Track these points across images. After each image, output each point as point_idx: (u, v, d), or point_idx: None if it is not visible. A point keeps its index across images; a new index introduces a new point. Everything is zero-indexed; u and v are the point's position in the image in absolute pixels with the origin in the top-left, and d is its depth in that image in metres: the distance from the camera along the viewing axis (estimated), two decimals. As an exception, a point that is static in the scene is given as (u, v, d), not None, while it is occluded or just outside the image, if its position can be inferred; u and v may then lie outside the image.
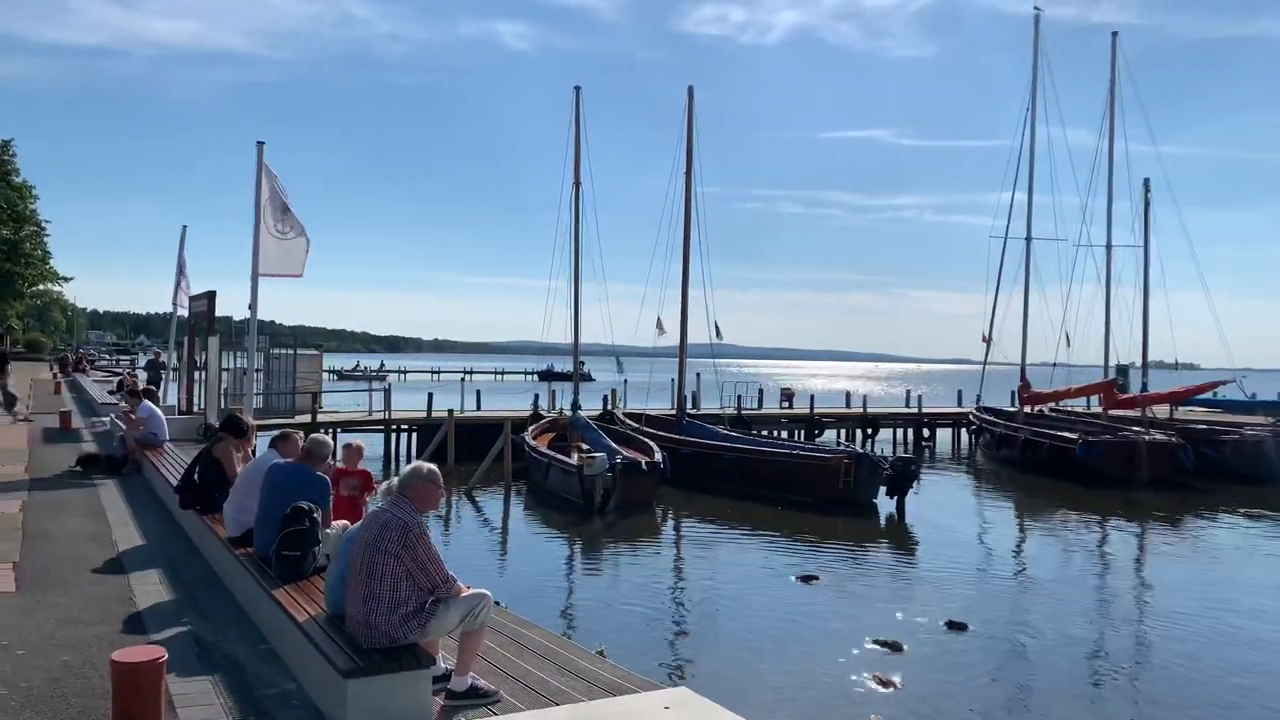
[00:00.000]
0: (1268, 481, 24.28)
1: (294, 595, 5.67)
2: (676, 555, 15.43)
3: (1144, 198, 31.36)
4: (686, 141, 26.13)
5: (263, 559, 6.36)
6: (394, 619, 4.54)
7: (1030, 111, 30.30)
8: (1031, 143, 30.33)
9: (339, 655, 4.54)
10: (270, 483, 6.57)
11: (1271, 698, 8.75)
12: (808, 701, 8.26)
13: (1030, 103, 30.33)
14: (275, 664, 5.37)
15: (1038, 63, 30.31)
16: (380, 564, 4.55)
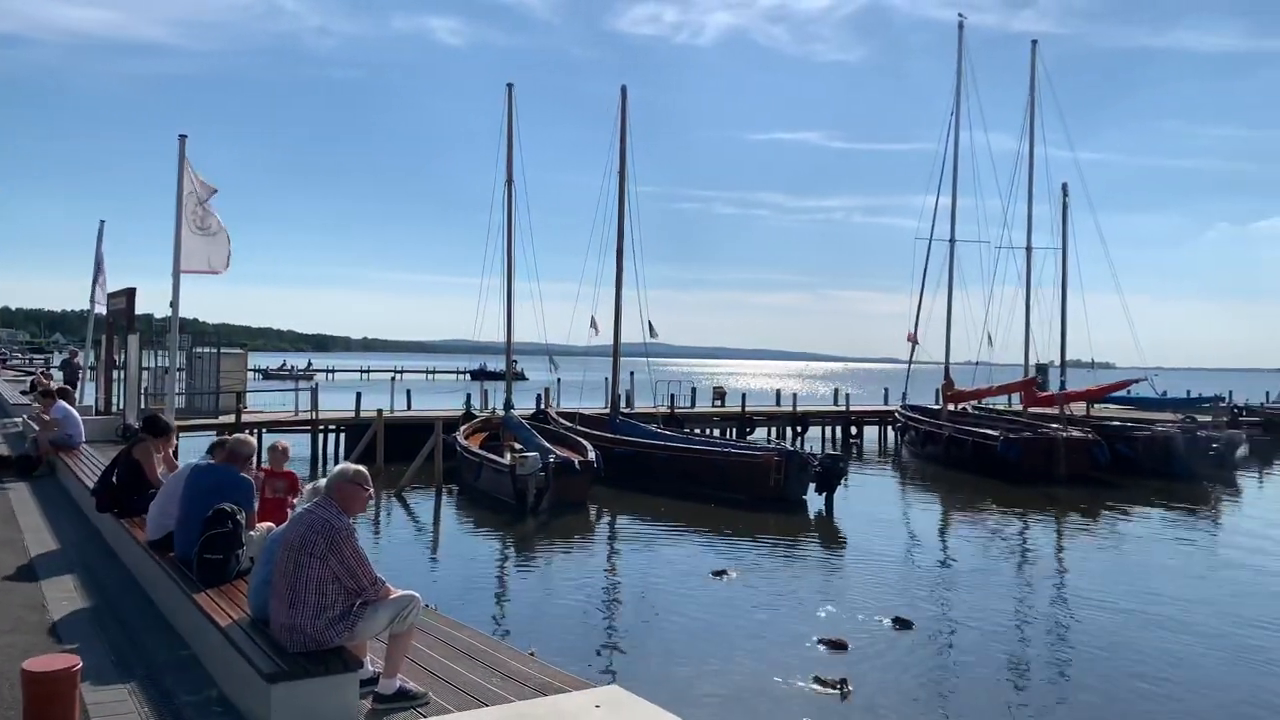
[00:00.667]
0: (1177, 476, 25.32)
1: (216, 599, 5.55)
2: (610, 554, 15.47)
3: (1062, 201, 32.41)
4: (620, 140, 26.21)
5: (184, 562, 6.21)
6: (320, 622, 4.48)
7: (954, 116, 31.14)
8: (955, 147, 31.17)
9: (263, 659, 4.47)
10: (192, 484, 6.42)
11: (1191, 680, 9.11)
12: (749, 699, 8.34)
13: (954, 108, 31.17)
14: (196, 670, 5.26)
15: (961, 69, 31.17)
16: (306, 567, 4.49)
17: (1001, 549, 16.66)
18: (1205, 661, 9.83)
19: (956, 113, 31.13)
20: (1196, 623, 11.34)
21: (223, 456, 6.70)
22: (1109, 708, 8.43)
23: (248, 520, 6.27)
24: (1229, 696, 8.78)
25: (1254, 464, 31.44)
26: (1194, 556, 16.07)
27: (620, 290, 26.23)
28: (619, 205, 26.15)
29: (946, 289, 31.75)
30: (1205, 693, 8.87)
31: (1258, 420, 40.16)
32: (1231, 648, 10.36)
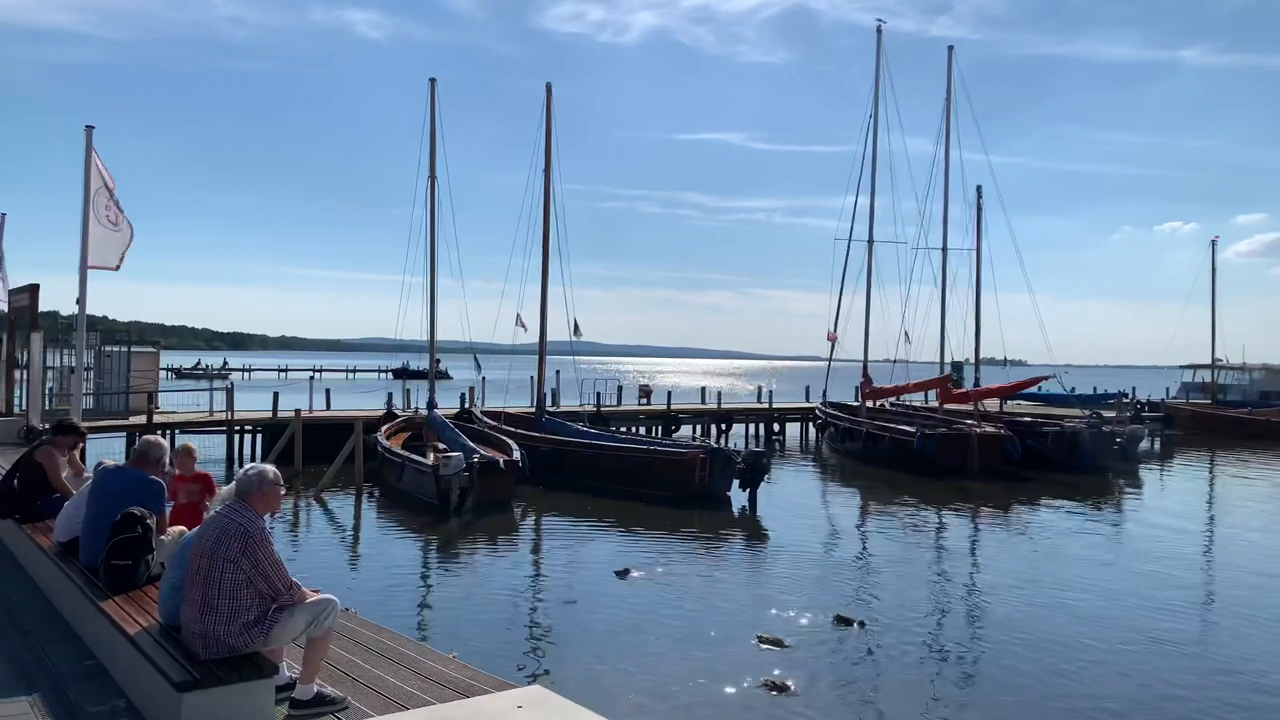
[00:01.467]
0: (1083, 469, 26.35)
1: (124, 606, 5.39)
2: (535, 554, 15.42)
3: (977, 204, 33.40)
4: (545, 138, 26.10)
5: (90, 569, 6.01)
6: (233, 628, 4.40)
7: (873, 120, 31.80)
8: (874, 149, 31.84)
9: (173, 668, 4.36)
10: (99, 487, 6.22)
11: (1103, 664, 9.50)
12: (679, 696, 8.38)
13: (873, 111, 31.83)
14: (103, 680, 5.10)
15: (880, 73, 31.82)
16: (219, 571, 4.39)
17: (921, 542, 17.11)
18: (1115, 646, 10.21)
19: (875, 116, 31.81)
20: (1106, 609, 11.83)
21: (132, 459, 6.51)
22: (1034, 692, 8.71)
23: (158, 524, 6.10)
24: (1140, 678, 9.16)
25: (1155, 456, 32.91)
26: (1101, 545, 16.74)
27: (546, 288, 26.16)
28: (545, 203, 26.06)
29: (865, 289, 32.44)
30: (1118, 677, 9.22)
31: (1159, 415, 42.04)
32: (1137, 631, 10.83)
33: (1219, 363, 54.19)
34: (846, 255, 32.50)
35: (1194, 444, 37.74)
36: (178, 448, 7.75)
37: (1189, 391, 55.48)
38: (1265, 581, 13.74)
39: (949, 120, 32.35)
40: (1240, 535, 18.48)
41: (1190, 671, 9.43)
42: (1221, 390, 54.06)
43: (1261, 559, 15.63)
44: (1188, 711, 8.28)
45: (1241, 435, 40.62)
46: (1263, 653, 10.09)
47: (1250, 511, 21.67)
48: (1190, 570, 14.91)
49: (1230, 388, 54.76)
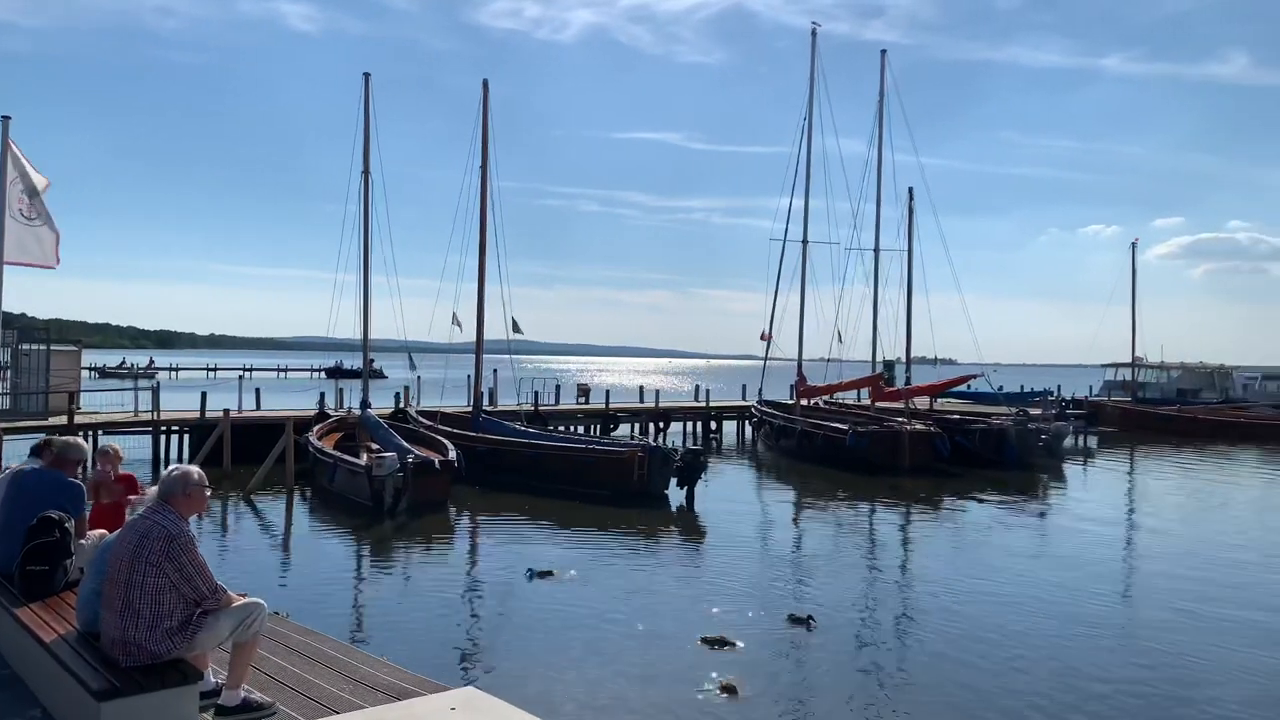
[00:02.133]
0: (1010, 465, 27.08)
1: (40, 614, 5.22)
2: (471, 555, 15.29)
3: (908, 205, 34.11)
4: (482, 135, 25.88)
5: (4, 575, 5.80)
6: (156, 634, 4.29)
7: (807, 121, 32.20)
8: (809, 151, 32.25)
9: (92, 676, 4.24)
10: (14, 490, 6.00)
11: (1034, 652, 9.75)
12: (620, 696, 8.37)
13: (808, 113, 32.22)
14: (18, 690, 4.93)
15: (815, 75, 32.23)
16: (140, 576, 4.28)
17: (856, 538, 17.40)
18: (1045, 635, 10.51)
19: (809, 118, 32.21)
20: (1034, 598, 12.16)
21: (50, 460, 6.30)
22: (974, 680, 8.89)
23: (77, 528, 5.92)
24: (1066, 664, 9.43)
25: (1079, 452, 33.97)
26: (1027, 537, 17.22)
27: (483, 286, 25.95)
28: (481, 200, 25.84)
29: (800, 289, 32.87)
30: (1048, 662, 9.50)
31: (1082, 412, 43.40)
32: (1064, 619, 11.20)
33: (1139, 361, 56.12)
34: (781, 255, 32.92)
35: (1125, 441, 39.10)
36: (102, 449, 7.53)
37: (1111, 389, 57.39)
38: (1180, 571, 14.26)
39: (882, 123, 32.97)
40: (1157, 528, 19.17)
41: (1112, 656, 9.76)
42: (1141, 388, 55.99)
43: (1177, 550, 16.22)
44: (1110, 693, 8.55)
45: (1170, 432, 42.20)
46: (1178, 638, 10.47)
47: (1167, 505, 22.50)
48: (1111, 561, 15.41)
49: (1149, 386, 56.77)
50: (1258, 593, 12.93)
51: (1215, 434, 40.91)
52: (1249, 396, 54.82)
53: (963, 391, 37.58)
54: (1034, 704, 8.31)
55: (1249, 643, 10.38)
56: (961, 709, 8.19)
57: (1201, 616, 11.49)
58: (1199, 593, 12.76)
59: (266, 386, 38.87)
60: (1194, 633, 10.75)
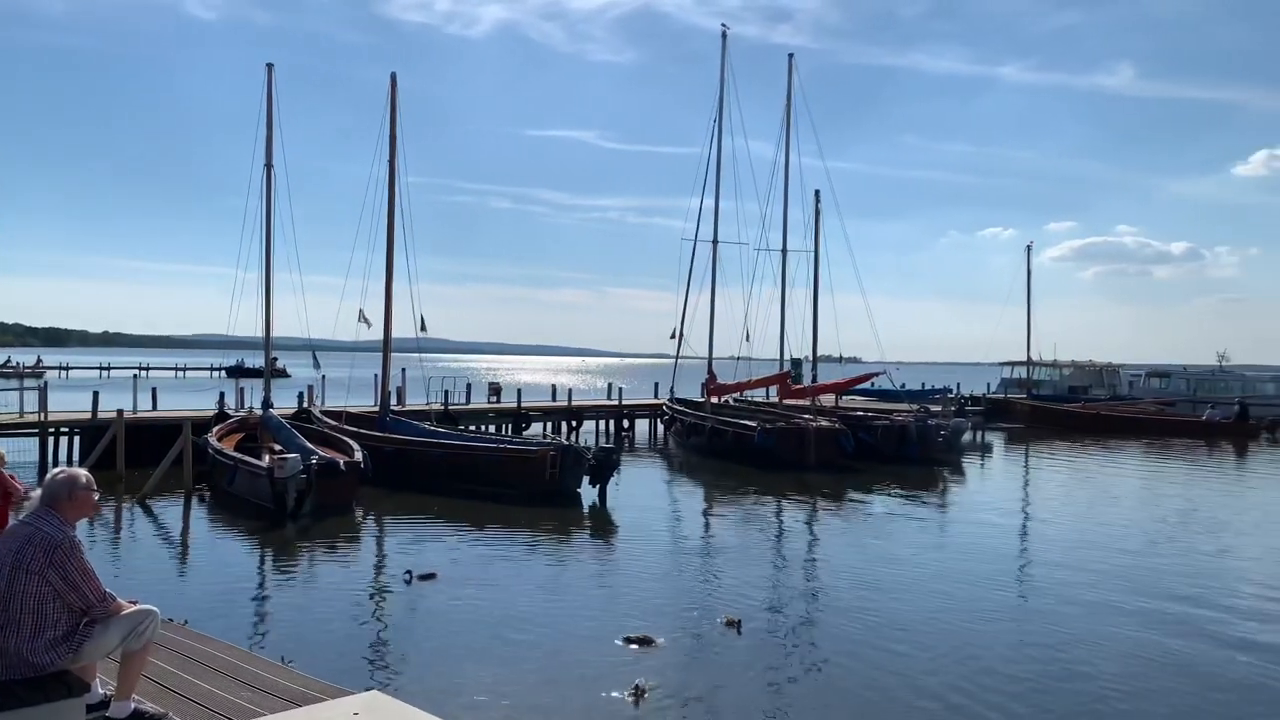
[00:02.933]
0: (911, 460, 27.92)
1: (-88, 628, 4.94)
2: (378, 557, 15.01)
3: (815, 208, 34.84)
4: (390, 128, 25.39)
5: None
6: (38, 645, 4.11)
7: (717, 123, 32.54)
8: (719, 152, 32.61)
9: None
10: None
11: (937, 638, 10.07)
12: (531, 698, 8.33)
13: (717, 114, 32.57)
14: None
15: (724, 77, 32.60)
16: (21, 584, 4.10)
17: (766, 534, 17.70)
18: (948, 625, 10.86)
19: (719, 120, 32.56)
20: (937, 590, 12.55)
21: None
22: (880, 671, 9.12)
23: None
24: (970, 652, 9.78)
25: (977, 447, 35.24)
26: (929, 530, 17.80)
27: (391, 283, 25.48)
28: (389, 195, 25.36)
29: (710, 288, 33.23)
30: (954, 654, 9.80)
31: (980, 409, 45.04)
32: (966, 608, 11.63)
33: (1034, 360, 58.47)
34: (693, 255, 33.23)
35: (1032, 435, 40.75)
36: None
37: (1007, 387, 59.65)
38: (1071, 558, 14.93)
39: (789, 126, 33.57)
40: (1050, 518, 20.05)
41: (1011, 642, 10.18)
42: (1036, 385, 58.36)
43: (1069, 539, 16.97)
44: (1010, 681, 8.90)
45: (1076, 428, 44.13)
46: (1070, 623, 10.98)
47: (1060, 496, 23.56)
48: (1008, 550, 16.07)
49: (1043, 383, 59.21)
50: (1141, 577, 13.62)
51: (1119, 429, 42.93)
52: (1135, 393, 57.68)
53: (866, 389, 38.63)
54: (938, 696, 8.59)
55: (1136, 625, 10.94)
56: (870, 706, 8.34)
57: (1090, 602, 12.06)
58: (1088, 580, 13.41)
59: (164, 386, 37.44)
60: (1083, 617, 11.28)
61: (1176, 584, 13.23)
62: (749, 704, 8.33)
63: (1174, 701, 8.54)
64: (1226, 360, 60.89)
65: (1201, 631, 10.73)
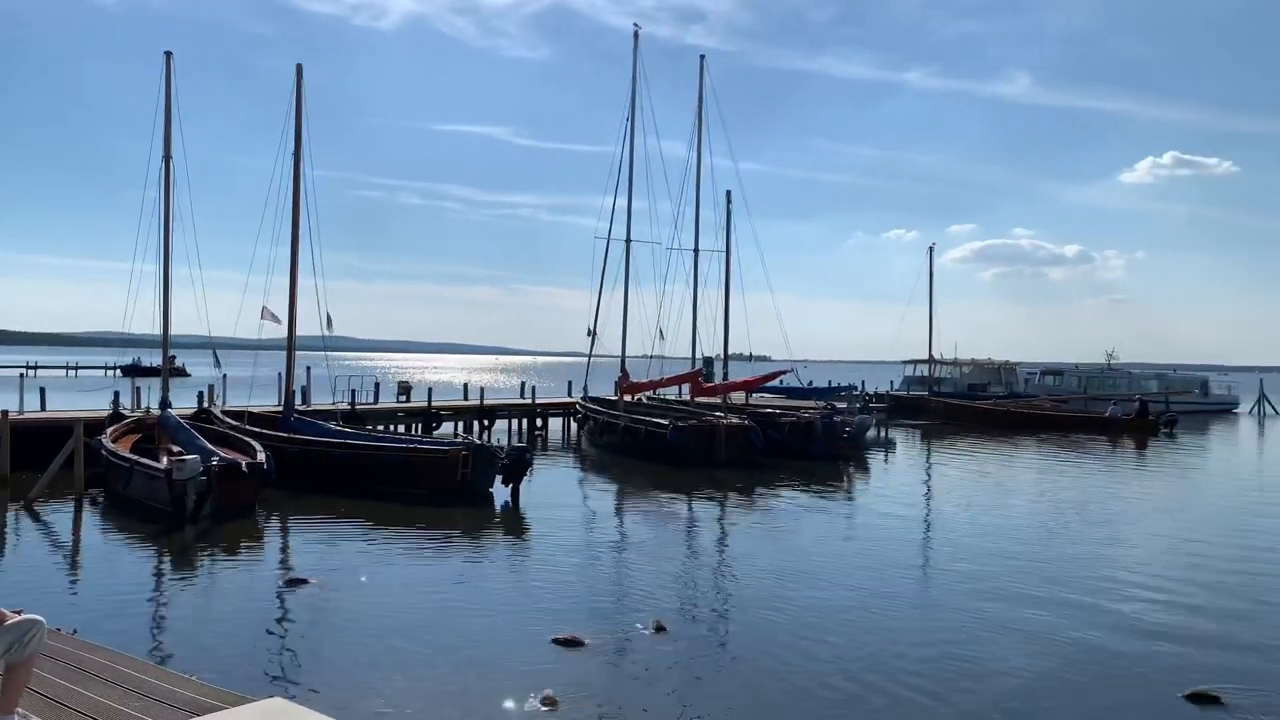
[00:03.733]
0: (817, 456, 28.60)
1: None
2: (282, 561, 14.67)
3: (726, 208, 35.33)
4: (295, 121, 24.79)
5: None
6: (-84, 660, 3.96)
7: (630, 122, 32.70)
8: (631, 151, 32.77)
9: None
10: None
11: (845, 627, 10.37)
12: (441, 701, 8.29)
13: (630, 114, 32.72)
14: None
15: (637, 76, 32.76)
16: (-102, 599, 3.94)
17: (678, 530, 17.93)
18: (859, 615, 11.24)
19: (632, 118, 32.72)
20: (847, 581, 12.95)
21: None
22: (794, 667, 9.32)
23: None
24: (880, 641, 10.10)
25: (881, 443, 36.26)
26: (836, 524, 18.32)
27: (295, 279, 24.87)
28: (294, 189, 24.75)
29: (623, 287, 33.39)
30: (866, 640, 10.17)
31: (884, 406, 46.34)
32: (872, 597, 12.05)
33: (935, 358, 60.36)
34: (606, 254, 33.34)
35: (947, 432, 42.11)
36: None
37: (910, 384, 61.52)
38: (971, 549, 15.53)
39: (701, 126, 33.95)
40: (949, 510, 20.81)
41: (915, 630, 10.56)
42: (938, 383, 60.30)
43: (968, 530, 17.64)
44: (922, 670, 9.24)
45: (988, 424, 45.80)
46: (966, 608, 11.47)
47: (959, 489, 24.46)
48: (911, 541, 16.67)
49: (945, 380, 61.22)
50: (1036, 564, 14.26)
51: (1029, 425, 44.68)
52: (1030, 390, 60.17)
53: (776, 387, 39.36)
54: (855, 693, 8.83)
55: (1031, 610, 11.49)
56: (783, 702, 8.47)
57: (987, 590, 12.59)
58: (986, 569, 13.99)
59: (54, 385, 35.84)
60: (981, 605, 11.77)
61: (1070, 570, 13.92)
62: (665, 707, 8.38)
63: (1067, 682, 9.00)
64: (1114, 358, 64.15)
65: (1091, 618, 11.32)
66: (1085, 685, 8.98)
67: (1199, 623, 11.34)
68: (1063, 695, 8.73)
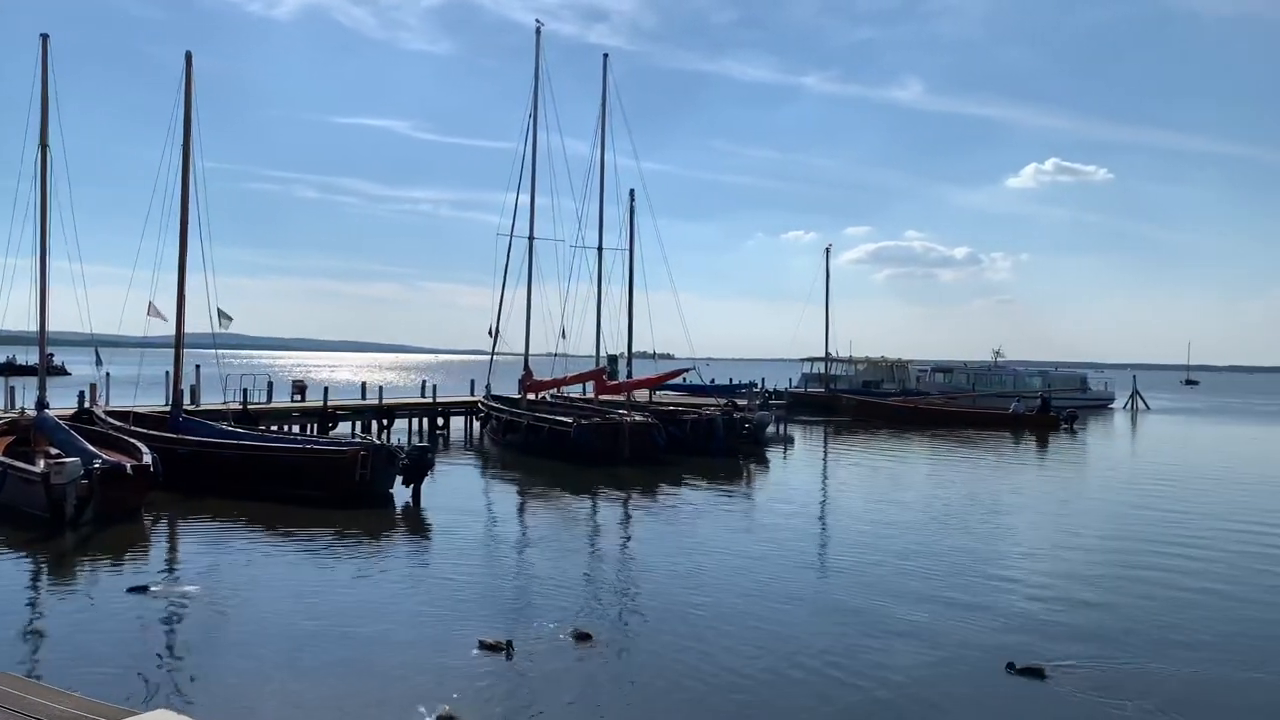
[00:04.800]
0: (718, 453, 29.07)
1: None
2: (171, 568, 14.12)
3: (630, 207, 35.52)
4: (185, 110, 23.85)
5: None
6: None
7: (532, 119, 32.57)
8: (534, 148, 32.65)
9: None
10: None
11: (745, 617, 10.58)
12: (324, 712, 8.15)
13: (533, 110, 32.59)
14: None
15: (539, 73, 32.64)
16: None
17: (582, 529, 17.97)
18: (759, 610, 11.51)
19: (535, 115, 32.59)
20: (746, 579, 13.17)
21: None
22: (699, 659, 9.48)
23: None
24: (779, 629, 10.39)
25: (779, 439, 37.06)
26: (736, 520, 18.68)
27: (184, 274, 23.93)
28: (184, 181, 23.81)
29: (527, 284, 33.25)
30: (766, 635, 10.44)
31: (783, 403, 47.32)
32: (775, 590, 12.36)
33: (832, 356, 61.91)
34: (509, 251, 33.13)
35: (857, 428, 43.33)
36: None
37: (808, 382, 62.98)
38: (858, 543, 16.06)
39: (604, 125, 34.03)
40: (844, 502, 21.47)
41: (816, 620, 10.95)
42: (833, 380, 61.89)
43: (858, 523, 18.22)
44: (820, 658, 9.53)
45: (899, 421, 47.19)
46: (865, 594, 11.90)
47: (854, 482, 25.23)
48: (809, 533, 17.23)
49: (840, 378, 62.88)
50: (925, 554, 14.85)
51: (938, 421, 46.24)
52: (922, 387, 62.30)
53: (679, 384, 39.76)
54: (745, 694, 9.05)
55: (917, 596, 11.99)
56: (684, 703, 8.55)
57: (879, 576, 13.09)
58: (879, 557, 14.57)
59: (-86, 386, 33.54)
60: (873, 593, 12.22)
61: (950, 561, 14.56)
62: (566, 717, 8.34)
63: (958, 668, 9.42)
64: (1001, 356, 66.99)
65: (976, 602, 11.88)
66: (979, 676, 9.42)
67: (1044, 605, 12.05)
68: (929, 685, 9.15)
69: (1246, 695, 9.07)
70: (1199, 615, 11.74)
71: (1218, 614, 11.86)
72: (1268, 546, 16.42)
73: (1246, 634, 11.05)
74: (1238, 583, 13.64)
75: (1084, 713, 8.36)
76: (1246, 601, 12.60)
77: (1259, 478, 27.91)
